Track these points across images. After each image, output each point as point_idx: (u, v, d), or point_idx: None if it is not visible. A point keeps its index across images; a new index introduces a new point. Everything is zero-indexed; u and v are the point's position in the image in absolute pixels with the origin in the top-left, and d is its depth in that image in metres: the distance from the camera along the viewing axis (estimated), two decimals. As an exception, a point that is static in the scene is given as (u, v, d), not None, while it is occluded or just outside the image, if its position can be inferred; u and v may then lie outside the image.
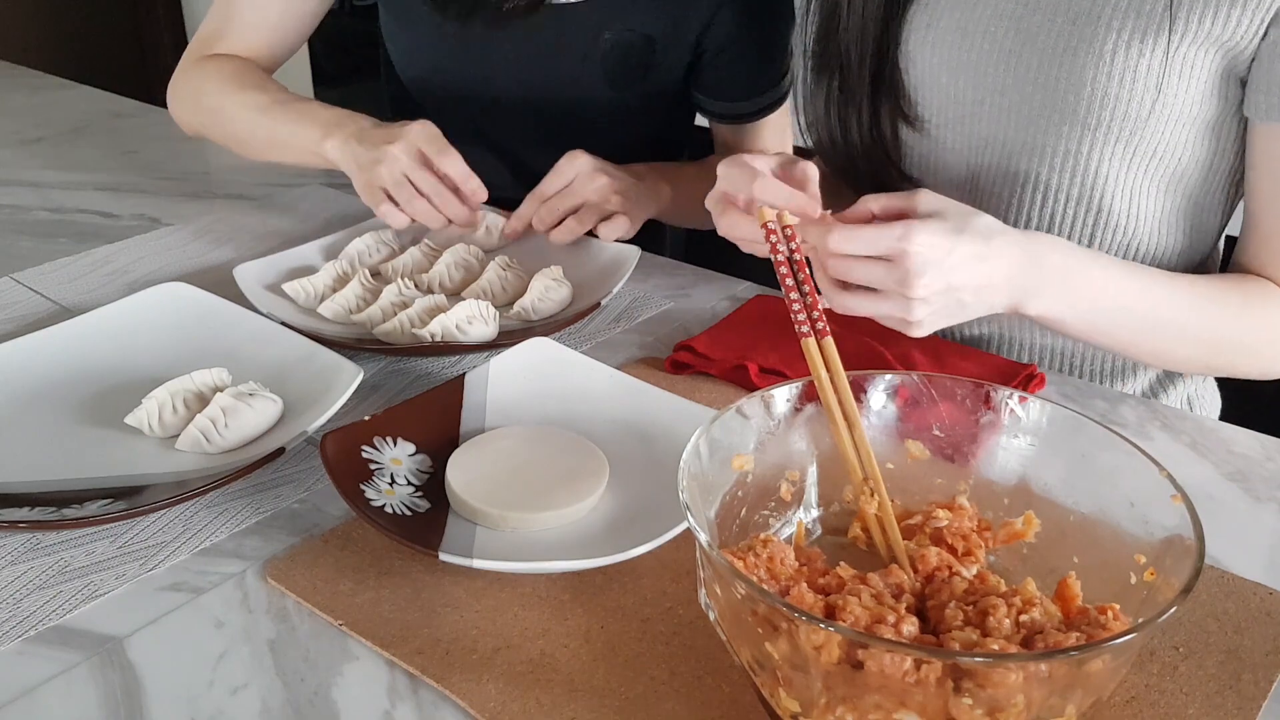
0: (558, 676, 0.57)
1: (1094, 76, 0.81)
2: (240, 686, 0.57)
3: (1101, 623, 0.50)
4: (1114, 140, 0.83)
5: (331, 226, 1.14)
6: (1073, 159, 0.85)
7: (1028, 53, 0.84)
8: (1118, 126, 0.82)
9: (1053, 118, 0.85)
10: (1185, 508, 0.51)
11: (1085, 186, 0.87)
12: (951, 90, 0.89)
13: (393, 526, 0.64)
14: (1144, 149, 0.83)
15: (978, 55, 0.87)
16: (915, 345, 0.88)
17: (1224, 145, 0.84)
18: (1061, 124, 0.84)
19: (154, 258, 1.09)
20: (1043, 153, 0.87)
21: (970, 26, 0.87)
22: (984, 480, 0.62)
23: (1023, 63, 0.85)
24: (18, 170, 1.36)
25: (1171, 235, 0.88)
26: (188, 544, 0.67)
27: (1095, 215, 0.87)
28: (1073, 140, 0.85)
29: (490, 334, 0.89)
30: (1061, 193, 0.87)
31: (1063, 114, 0.84)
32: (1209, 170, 0.85)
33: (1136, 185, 0.86)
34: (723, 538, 0.58)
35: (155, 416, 0.76)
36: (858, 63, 0.91)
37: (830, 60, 0.93)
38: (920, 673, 0.44)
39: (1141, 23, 0.79)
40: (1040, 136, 0.86)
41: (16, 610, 0.62)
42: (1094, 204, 0.87)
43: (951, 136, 0.91)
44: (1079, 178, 0.86)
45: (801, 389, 0.62)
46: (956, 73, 0.89)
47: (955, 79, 0.89)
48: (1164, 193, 0.86)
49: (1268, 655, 0.59)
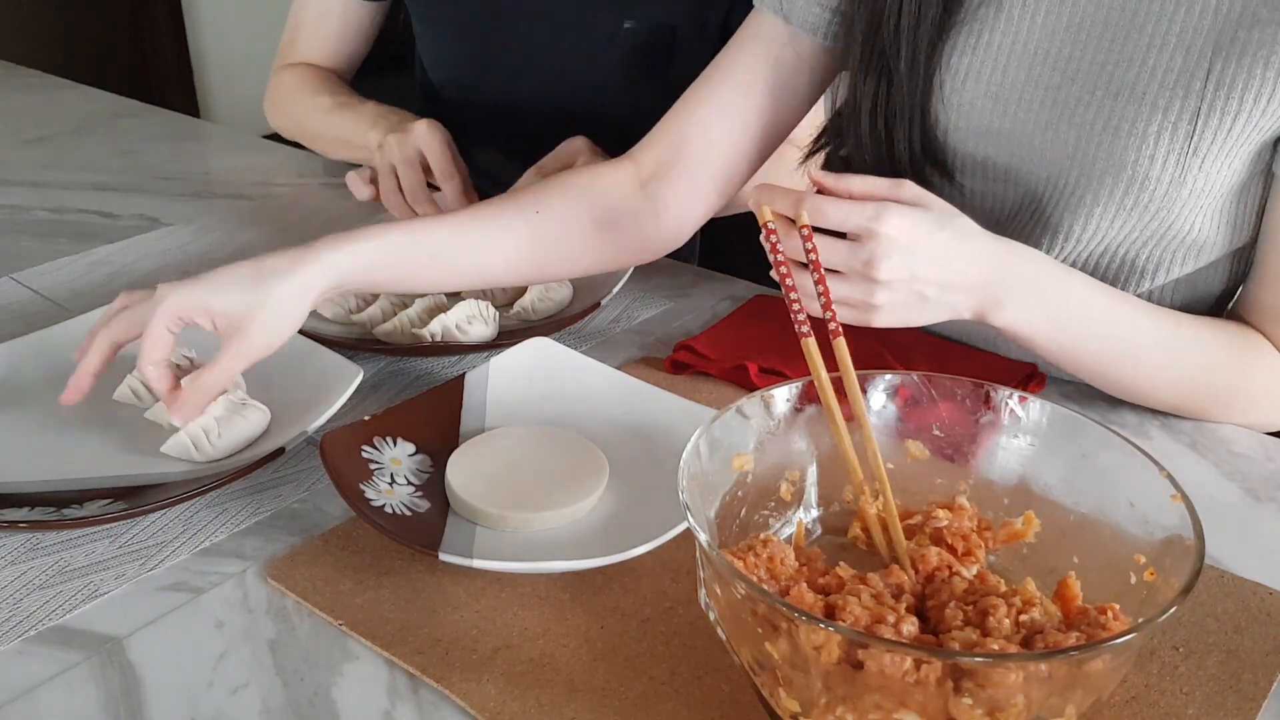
0: (558, 676, 0.57)
1: (1136, 160, 0.75)
2: (240, 686, 0.57)
3: (1101, 623, 0.50)
4: (1148, 220, 0.78)
5: (331, 226, 1.14)
6: (1102, 235, 0.80)
7: (1064, 127, 0.78)
8: (1155, 207, 0.77)
9: (1085, 197, 0.79)
10: (1185, 508, 0.51)
11: (1114, 262, 0.82)
12: (979, 155, 0.83)
13: (392, 526, 0.64)
14: (1176, 225, 0.79)
15: (1009, 123, 0.80)
16: (915, 345, 0.88)
17: (1248, 208, 0.80)
18: (1095, 205, 0.79)
19: (154, 258, 1.09)
20: (1069, 231, 0.81)
21: (1004, 93, 0.80)
22: (984, 480, 0.62)
23: (1059, 137, 0.78)
24: (18, 170, 1.36)
25: (1192, 298, 0.84)
26: (188, 544, 0.67)
27: (1121, 287, 0.83)
28: (1105, 220, 0.79)
29: (490, 334, 0.89)
30: (1088, 267, 0.82)
31: (1096, 195, 0.78)
32: (1232, 234, 0.81)
33: (1163, 259, 0.81)
34: (723, 538, 0.58)
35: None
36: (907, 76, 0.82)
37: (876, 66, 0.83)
38: (920, 673, 0.44)
39: (1191, 102, 0.73)
40: (1069, 216, 0.80)
41: (16, 610, 0.62)
42: (1119, 278, 0.83)
43: (979, 198, 0.86)
44: (1108, 254, 0.82)
45: (801, 389, 0.62)
46: (985, 139, 0.82)
47: (983, 145, 0.82)
48: (1189, 260, 0.82)
49: (1267, 655, 0.59)
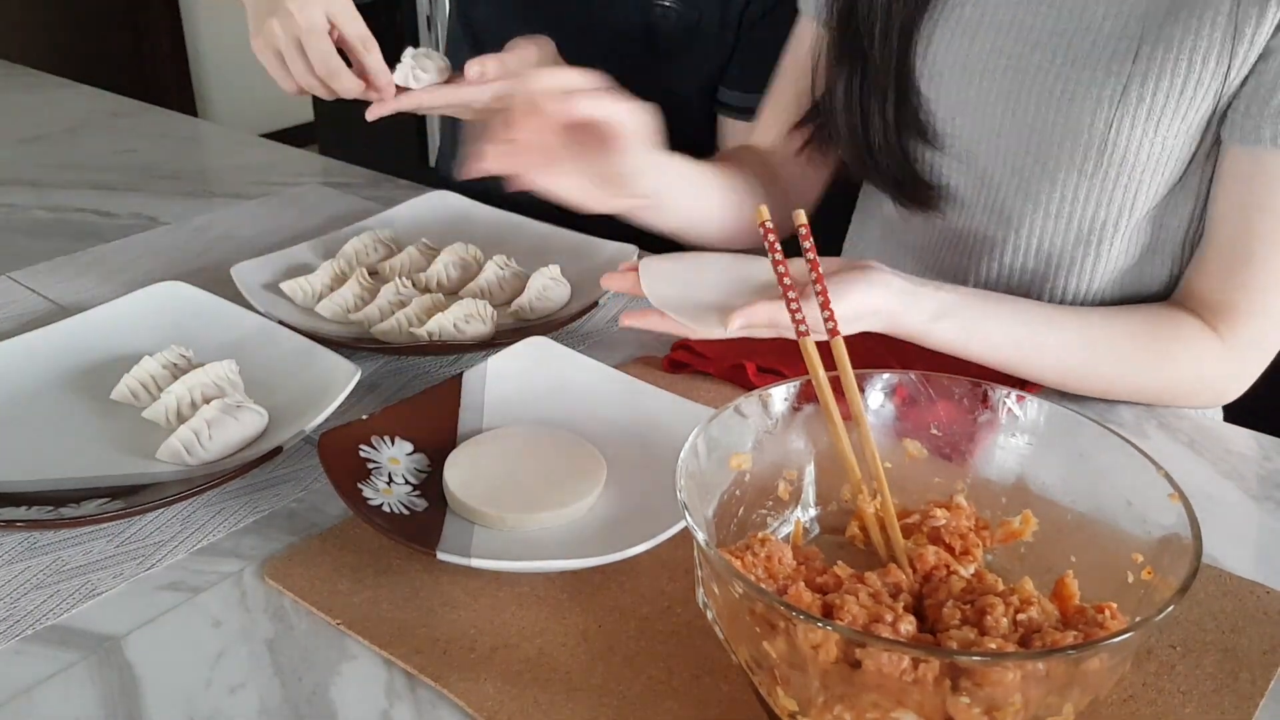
0: (556, 675, 0.57)
1: (1091, 123, 0.79)
2: (238, 686, 0.57)
3: (1099, 621, 0.50)
4: (1110, 185, 0.82)
5: (329, 225, 1.14)
6: (1069, 204, 0.84)
7: (1025, 95, 0.82)
8: (1114, 171, 0.80)
9: (1048, 163, 0.83)
10: (1183, 507, 0.51)
11: (1082, 229, 0.85)
12: (950, 128, 0.88)
13: (390, 526, 0.64)
14: (1140, 191, 0.82)
15: (976, 94, 0.85)
16: (915, 345, 0.88)
17: (1208, 175, 0.82)
18: (1057, 170, 0.82)
19: (151, 257, 1.09)
20: (1037, 197, 0.85)
21: (971, 63, 0.84)
22: (981, 479, 0.62)
23: (1020, 105, 0.82)
24: (15, 169, 1.35)
25: (1164, 264, 0.87)
26: (185, 543, 0.67)
27: (1095, 259, 0.86)
28: (1068, 186, 0.83)
29: (488, 333, 0.89)
30: (1058, 236, 0.86)
31: (1058, 160, 0.82)
32: (1196, 199, 0.83)
33: (1130, 224, 0.84)
34: (720, 537, 0.58)
35: (174, 411, 0.77)
36: (880, 58, 0.87)
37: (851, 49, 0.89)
38: (918, 671, 0.44)
39: (1141, 65, 0.77)
40: (1035, 182, 0.84)
41: (14, 609, 0.62)
42: (1090, 245, 0.86)
43: (955, 172, 0.89)
44: (1075, 221, 0.85)
45: (799, 388, 0.62)
46: (954, 111, 0.87)
47: (953, 117, 0.87)
48: (1156, 226, 0.85)
49: (1265, 654, 0.59)
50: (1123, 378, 0.81)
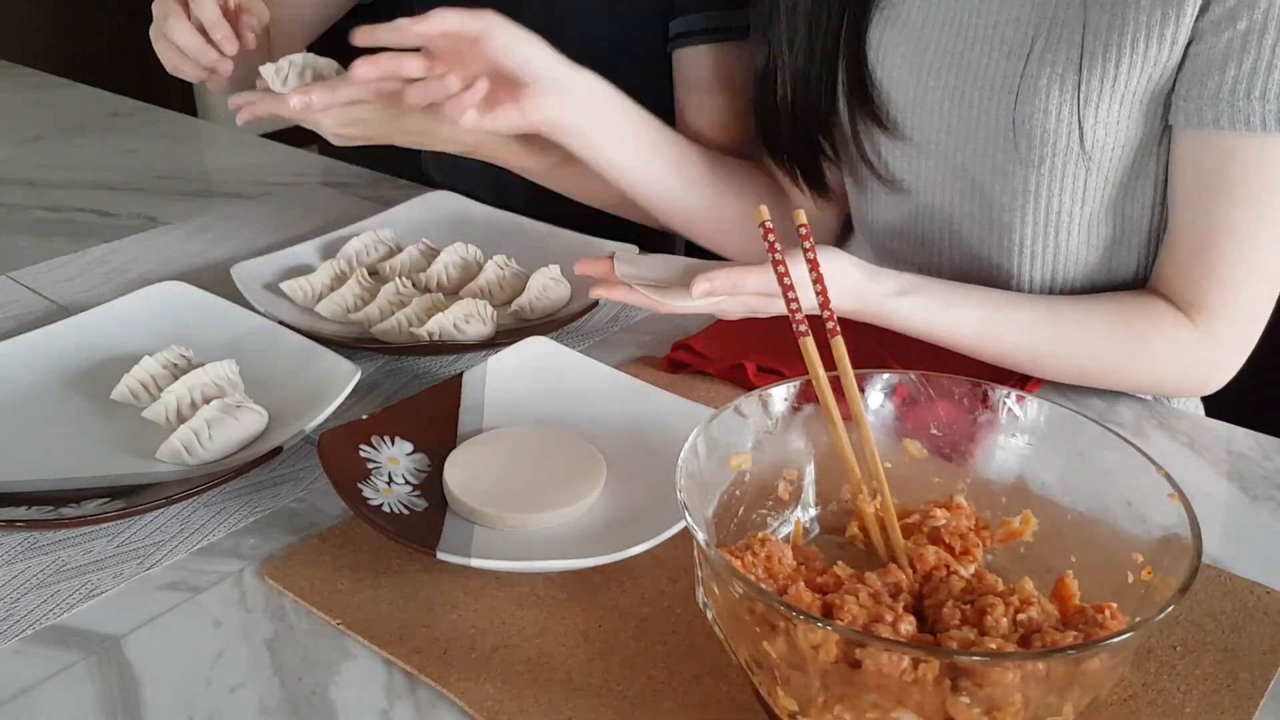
0: (555, 675, 0.57)
1: (1031, 114, 0.79)
2: (238, 685, 0.57)
3: (1099, 621, 0.50)
4: (1060, 175, 0.81)
5: (329, 225, 1.14)
6: (1021, 196, 0.83)
7: (970, 90, 0.83)
8: (1060, 160, 0.80)
9: (997, 156, 0.83)
10: (1182, 507, 0.51)
11: (1039, 223, 0.84)
12: (908, 126, 0.88)
13: (390, 525, 0.64)
14: (1091, 179, 0.81)
15: (924, 93, 0.85)
16: (914, 343, 0.88)
17: (1164, 161, 0.81)
18: (1006, 163, 0.82)
19: (151, 256, 1.09)
20: (991, 191, 0.85)
21: (918, 63, 0.85)
22: (981, 479, 0.62)
23: (965, 100, 0.83)
24: (15, 169, 1.35)
25: (1132, 255, 0.86)
26: (185, 543, 0.67)
27: (1055, 249, 0.86)
28: (1018, 178, 0.83)
29: (488, 333, 0.89)
30: (1015, 232, 0.85)
31: (1006, 153, 0.82)
32: (1155, 186, 0.83)
33: (1089, 214, 0.84)
34: (720, 537, 0.58)
35: (174, 411, 0.77)
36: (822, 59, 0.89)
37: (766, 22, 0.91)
38: (918, 671, 0.44)
39: (1074, 53, 0.77)
40: (989, 176, 0.84)
41: (14, 610, 0.62)
42: (1050, 238, 0.85)
43: (922, 170, 0.90)
44: (1030, 215, 0.84)
45: (799, 388, 0.62)
46: (908, 111, 0.87)
47: (908, 116, 0.87)
48: (1118, 216, 0.84)
49: (1265, 654, 0.59)
50: (1095, 360, 0.81)
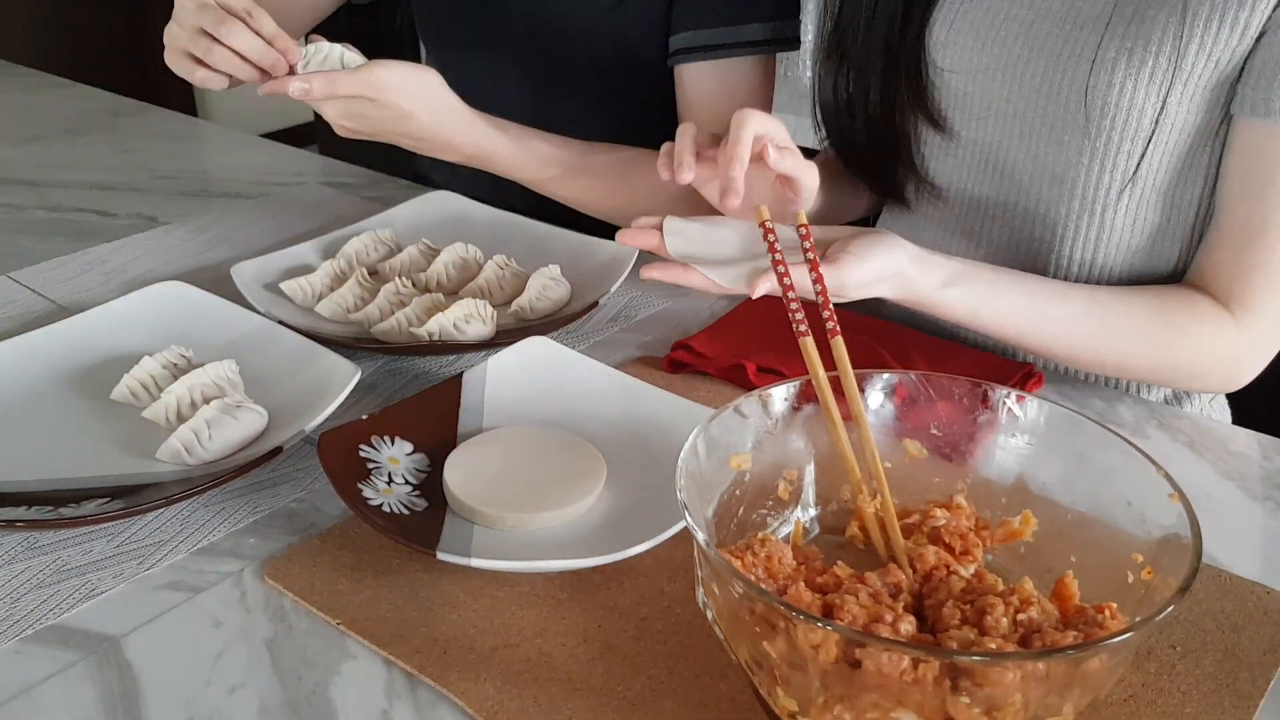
0: (555, 675, 0.57)
1: (1094, 85, 0.79)
2: (238, 685, 0.57)
3: (1099, 621, 0.50)
4: (1115, 152, 0.81)
5: (329, 225, 1.14)
6: (1074, 170, 0.84)
7: (1035, 59, 0.83)
8: (1118, 137, 0.81)
9: (1055, 127, 0.83)
10: (1182, 507, 0.51)
11: (1086, 200, 0.85)
12: (962, 95, 0.88)
13: (390, 526, 0.64)
14: (1146, 161, 0.82)
15: (988, 59, 0.86)
16: (913, 344, 0.88)
17: (1217, 154, 0.82)
18: (1063, 133, 0.83)
19: (151, 256, 1.09)
20: (1044, 164, 0.85)
21: (983, 29, 0.86)
22: (982, 479, 0.62)
23: (1029, 70, 0.83)
24: (15, 169, 1.35)
25: (1174, 246, 0.86)
26: (185, 543, 0.67)
27: (1098, 230, 0.86)
28: (1073, 151, 0.83)
29: (488, 333, 0.89)
30: (1062, 205, 0.86)
31: (1065, 124, 0.82)
32: (1205, 180, 0.83)
33: (1139, 198, 0.84)
34: (720, 537, 0.58)
35: (174, 411, 0.77)
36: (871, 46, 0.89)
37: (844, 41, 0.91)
38: (918, 672, 0.44)
39: (1146, 29, 0.77)
40: (1043, 147, 0.85)
41: (14, 609, 0.62)
42: (1095, 217, 0.85)
43: (961, 143, 0.90)
44: (1079, 190, 0.84)
45: (799, 388, 0.62)
46: (966, 77, 0.88)
47: (965, 83, 0.88)
48: (1166, 204, 0.84)
49: (1265, 654, 0.59)
50: (1134, 354, 0.81)
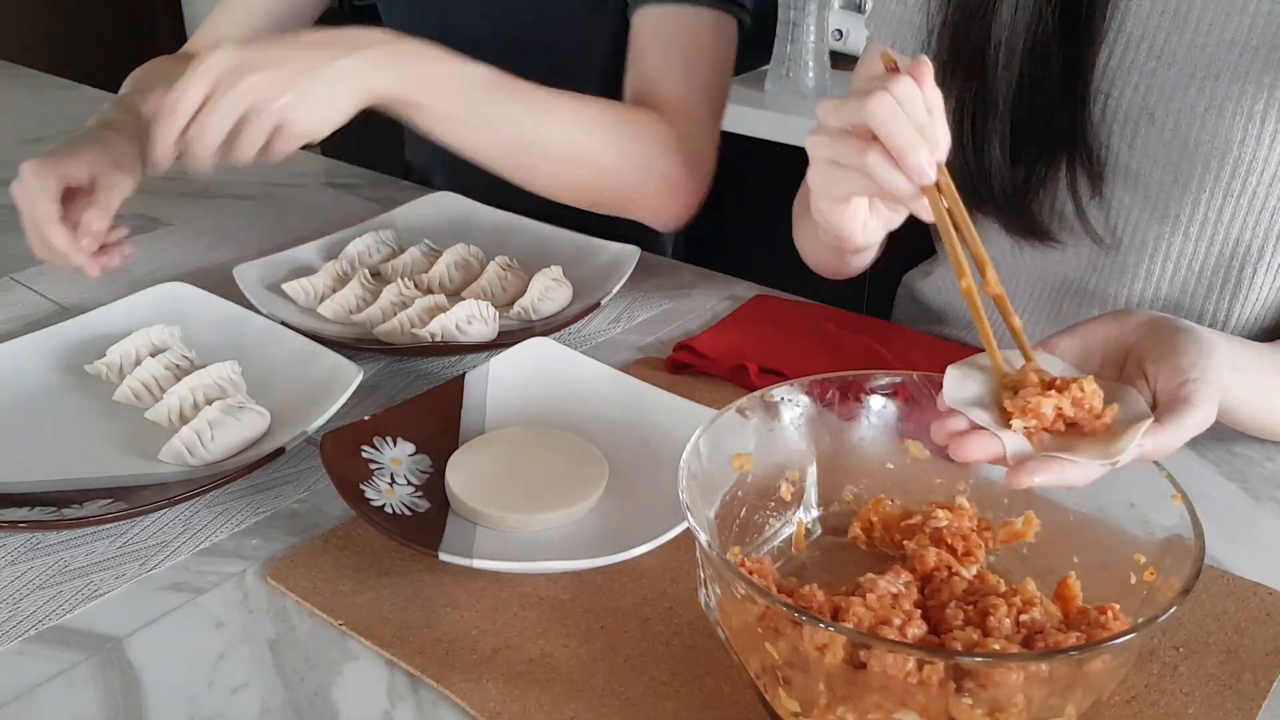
0: (557, 676, 0.57)
1: (1242, 139, 0.74)
2: (240, 686, 0.57)
3: (1101, 623, 0.50)
4: (1259, 205, 0.76)
5: (331, 226, 1.14)
6: (1210, 227, 0.78)
7: (1161, 112, 0.76)
8: (1263, 191, 0.75)
9: (1190, 184, 0.77)
10: (1185, 508, 0.51)
11: (1223, 256, 0.79)
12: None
13: (392, 526, 0.64)
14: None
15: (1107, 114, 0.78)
16: (915, 344, 0.88)
17: None
18: (1200, 191, 0.77)
19: (154, 258, 1.09)
20: (1176, 221, 0.79)
21: (1099, 84, 0.78)
22: (984, 480, 0.62)
23: (1156, 122, 0.77)
24: (16, 169, 1.35)
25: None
26: (188, 544, 0.67)
27: (1234, 287, 0.80)
28: (1212, 208, 0.77)
29: (490, 334, 0.89)
30: (1196, 261, 0.80)
31: (1202, 181, 0.76)
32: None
33: (1276, 251, 0.79)
34: (723, 538, 0.58)
35: (176, 412, 0.77)
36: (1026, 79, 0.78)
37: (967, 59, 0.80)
38: (923, 673, 0.44)
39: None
40: (1175, 205, 0.78)
41: (16, 610, 0.62)
42: (1232, 273, 0.80)
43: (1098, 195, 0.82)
44: (1215, 247, 0.79)
45: (801, 388, 0.62)
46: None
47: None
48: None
49: (1268, 655, 0.59)
50: None
